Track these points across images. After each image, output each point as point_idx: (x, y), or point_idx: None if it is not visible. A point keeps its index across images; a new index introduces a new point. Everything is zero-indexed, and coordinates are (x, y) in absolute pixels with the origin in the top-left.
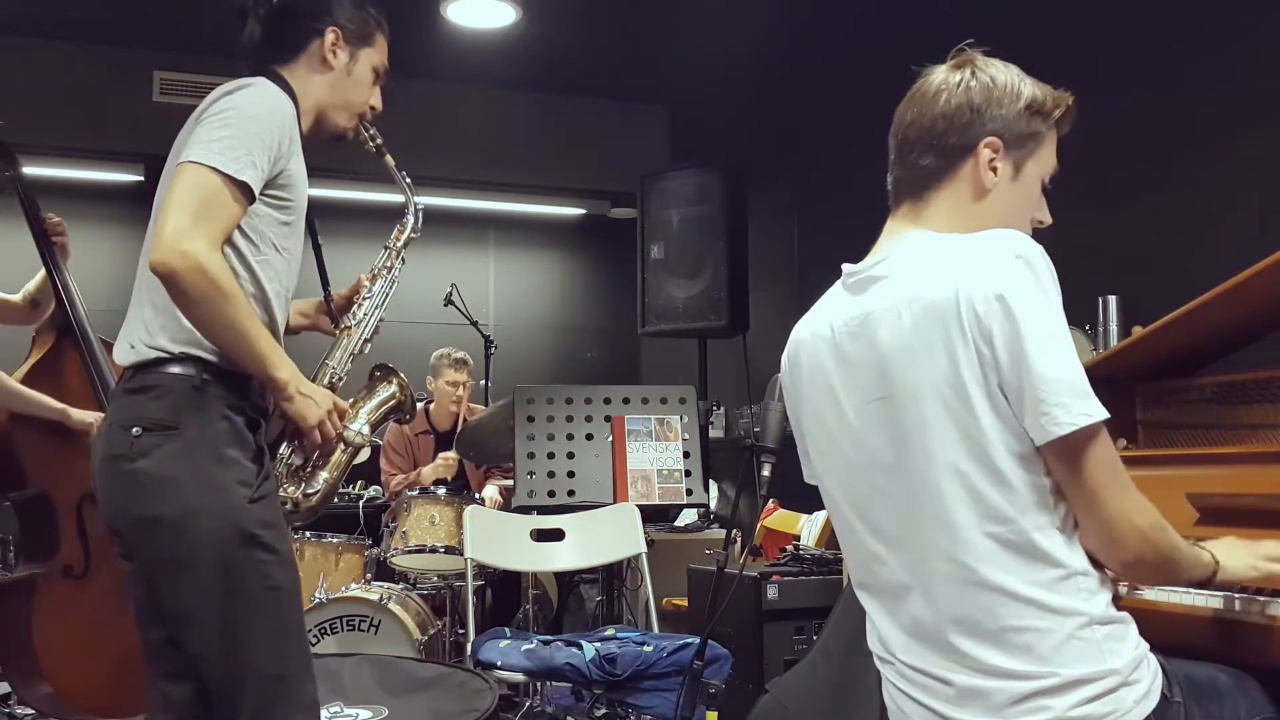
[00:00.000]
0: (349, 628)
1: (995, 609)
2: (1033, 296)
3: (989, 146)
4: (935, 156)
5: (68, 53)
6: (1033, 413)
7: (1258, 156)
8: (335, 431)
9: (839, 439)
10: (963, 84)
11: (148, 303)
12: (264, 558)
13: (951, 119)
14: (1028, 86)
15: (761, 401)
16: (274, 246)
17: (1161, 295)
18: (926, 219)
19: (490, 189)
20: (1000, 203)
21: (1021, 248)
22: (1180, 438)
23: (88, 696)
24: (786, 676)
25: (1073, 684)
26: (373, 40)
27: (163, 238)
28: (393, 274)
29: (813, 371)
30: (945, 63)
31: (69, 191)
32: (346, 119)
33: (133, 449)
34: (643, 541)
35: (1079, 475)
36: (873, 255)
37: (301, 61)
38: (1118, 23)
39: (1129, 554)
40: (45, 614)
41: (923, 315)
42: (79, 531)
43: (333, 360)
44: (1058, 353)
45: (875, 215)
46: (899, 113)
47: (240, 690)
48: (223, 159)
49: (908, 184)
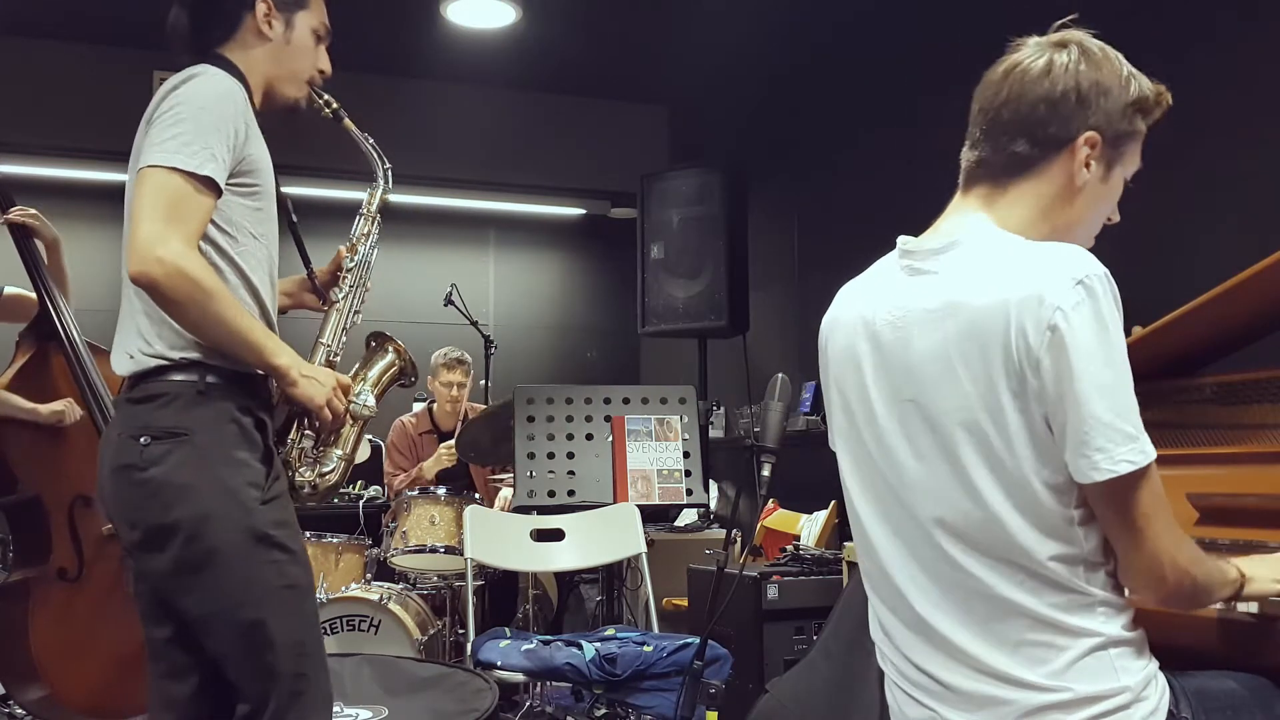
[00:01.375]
0: (349, 628)
1: (1009, 622)
2: (1088, 330)
3: (1088, 142)
4: (1029, 144)
5: (67, 52)
6: (1075, 452)
7: (1258, 156)
8: (343, 409)
9: (861, 428)
10: (1070, 68)
11: (140, 313)
12: (279, 557)
13: (1055, 105)
14: (1136, 80)
15: (761, 401)
16: (250, 234)
17: (1161, 295)
18: (1000, 208)
19: (490, 189)
20: (1085, 202)
21: (1084, 271)
22: (1180, 438)
23: (84, 698)
24: (786, 676)
25: (1085, 700)
26: (307, 2)
27: (137, 247)
28: (371, 239)
29: (848, 349)
30: (1044, 37)
31: (69, 191)
32: (295, 88)
33: (143, 458)
34: (643, 541)
35: (1121, 516)
36: (932, 239)
37: (238, 39)
38: (1117, 23)
39: (1169, 590)
40: (40, 616)
41: (967, 329)
42: (71, 534)
43: (325, 337)
44: (1108, 393)
45: (875, 215)
46: (990, 87)
47: (264, 688)
48: (181, 157)
49: (990, 167)
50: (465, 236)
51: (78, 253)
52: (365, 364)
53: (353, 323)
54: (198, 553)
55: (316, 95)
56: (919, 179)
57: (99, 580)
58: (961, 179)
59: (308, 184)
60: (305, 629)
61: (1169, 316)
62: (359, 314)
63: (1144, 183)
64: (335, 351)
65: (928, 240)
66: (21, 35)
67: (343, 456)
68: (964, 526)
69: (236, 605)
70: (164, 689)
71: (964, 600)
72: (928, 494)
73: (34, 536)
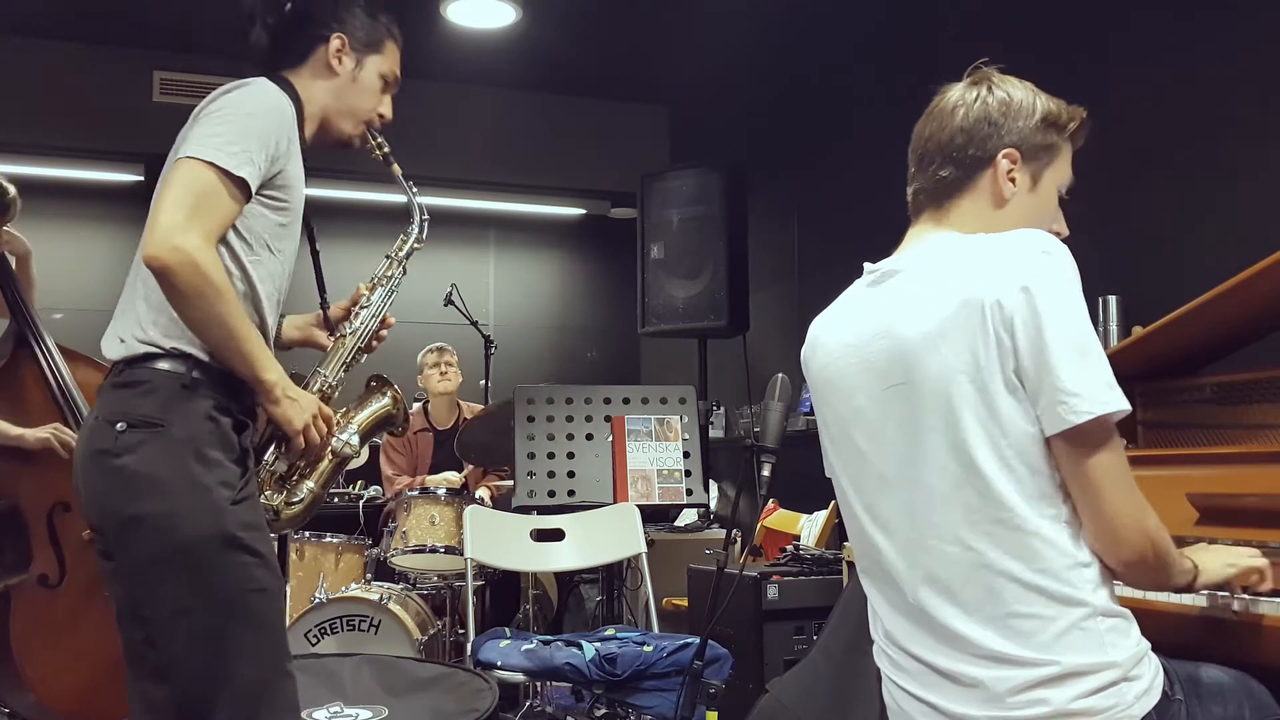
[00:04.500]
0: (349, 628)
1: (1001, 593)
2: (1057, 288)
3: (1007, 157)
4: (954, 168)
5: (68, 53)
6: (1049, 401)
7: (1258, 156)
8: (320, 439)
9: (851, 430)
10: (980, 99)
11: (141, 298)
12: (246, 560)
13: (970, 133)
14: (1042, 101)
15: (761, 401)
16: (268, 247)
17: (1161, 295)
18: (948, 224)
19: (490, 189)
20: (1018, 212)
21: (1047, 244)
22: (1180, 438)
23: (69, 703)
24: (786, 676)
25: (1072, 674)
26: (382, 48)
27: (157, 232)
28: (393, 284)
29: (828, 370)
30: (961, 80)
31: (69, 191)
32: (352, 126)
33: (116, 444)
34: (643, 541)
35: (1084, 468)
36: (895, 255)
37: (307, 68)
38: (1117, 25)
39: (1131, 553)
40: (23, 624)
41: (947, 305)
42: (51, 540)
43: (325, 368)
44: (1079, 344)
45: (875, 215)
46: (917, 129)
47: (220, 694)
48: (221, 154)
49: (928, 194)
50: (465, 236)
51: (77, 253)
52: (359, 404)
53: (357, 361)
54: (162, 547)
55: (371, 136)
56: None
57: (80, 586)
58: (910, 212)
59: (321, 185)
60: (269, 634)
61: (1169, 316)
62: (365, 353)
63: (1144, 183)
64: (332, 384)
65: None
66: (21, 35)
67: (313, 491)
68: (955, 492)
69: (198, 605)
70: (144, 691)
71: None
72: (921, 465)
73: (14, 544)
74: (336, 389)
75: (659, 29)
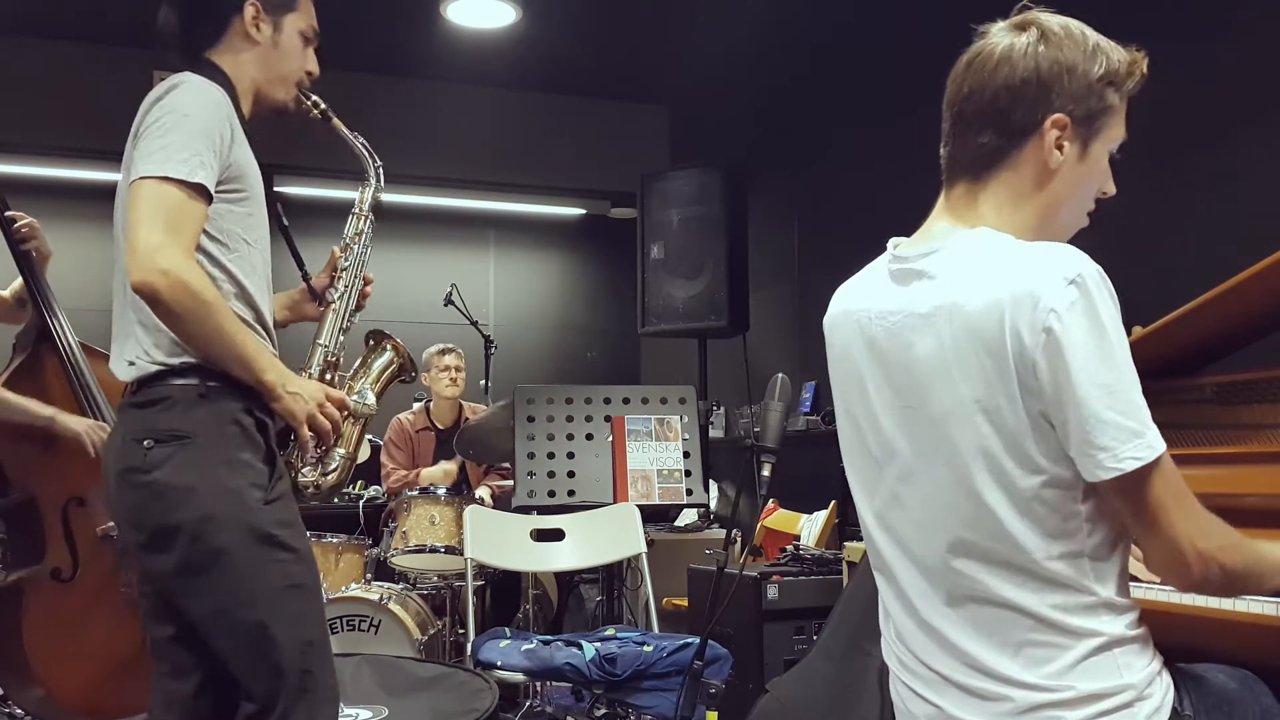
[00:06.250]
0: (349, 628)
1: (1014, 625)
2: (1084, 330)
3: (1056, 125)
4: (996, 135)
5: (67, 53)
6: (1080, 451)
7: (1258, 156)
8: (330, 423)
9: (863, 428)
10: (1029, 52)
11: (136, 323)
12: (283, 556)
13: (1016, 93)
14: (1102, 53)
15: (761, 401)
16: (243, 241)
17: (1161, 295)
18: (983, 203)
19: (490, 189)
20: (1065, 185)
21: (1076, 269)
22: (1180, 438)
23: (79, 698)
24: (786, 676)
25: (1088, 698)
26: (295, 4)
27: (139, 258)
28: (365, 238)
29: (845, 353)
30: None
31: (69, 191)
32: (284, 91)
33: (146, 461)
34: (643, 541)
35: (1135, 507)
36: (922, 241)
37: (226, 43)
38: (1117, 25)
39: (1195, 578)
40: (35, 618)
41: (963, 333)
42: (65, 535)
43: (322, 339)
44: (1108, 391)
45: (875, 215)
46: (955, 80)
47: (271, 687)
48: (171, 165)
49: (965, 164)
50: (465, 236)
51: (77, 253)
52: (365, 363)
53: (350, 323)
54: (202, 553)
55: (304, 97)
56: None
57: (93, 581)
58: (944, 176)
59: (302, 184)
60: (311, 627)
61: (1169, 316)
62: (357, 314)
63: (1144, 182)
64: (333, 352)
65: (918, 243)
66: (21, 35)
67: (346, 455)
68: (966, 530)
69: (241, 605)
70: (166, 687)
71: (968, 606)
72: (931, 499)
73: (28, 538)
74: (339, 354)
75: (659, 29)
